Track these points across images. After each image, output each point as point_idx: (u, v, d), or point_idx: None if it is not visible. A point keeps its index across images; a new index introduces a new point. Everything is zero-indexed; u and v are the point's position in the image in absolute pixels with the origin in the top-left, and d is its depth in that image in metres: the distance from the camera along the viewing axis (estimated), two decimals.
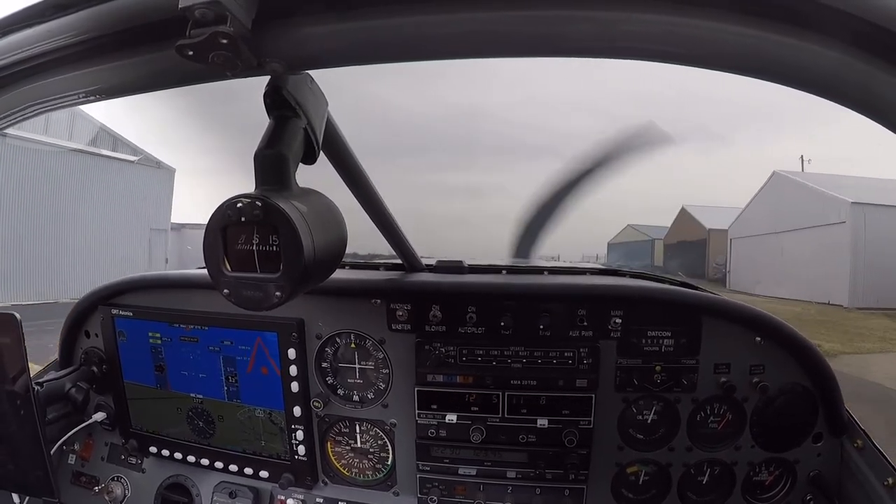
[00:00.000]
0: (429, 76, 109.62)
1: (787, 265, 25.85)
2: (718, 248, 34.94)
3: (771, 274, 26.84)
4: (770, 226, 28.15)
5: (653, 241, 45.30)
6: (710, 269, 35.84)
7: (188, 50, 0.72)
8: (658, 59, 0.76)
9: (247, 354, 2.03)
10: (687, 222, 40.45)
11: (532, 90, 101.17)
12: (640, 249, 45.86)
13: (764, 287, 26.30)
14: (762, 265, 28.32)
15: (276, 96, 0.92)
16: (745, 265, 30.86)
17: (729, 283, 31.71)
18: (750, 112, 61.86)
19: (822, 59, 0.68)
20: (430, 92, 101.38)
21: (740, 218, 32.61)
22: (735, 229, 32.92)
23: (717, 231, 35.23)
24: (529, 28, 0.73)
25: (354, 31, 0.77)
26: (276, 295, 0.88)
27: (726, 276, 32.85)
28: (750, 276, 29.18)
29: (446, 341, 1.94)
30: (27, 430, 1.76)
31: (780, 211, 27.33)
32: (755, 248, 29.68)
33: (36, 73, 0.91)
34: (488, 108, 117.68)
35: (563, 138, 69.68)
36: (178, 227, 24.25)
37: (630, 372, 1.90)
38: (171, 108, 1.40)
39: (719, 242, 34.79)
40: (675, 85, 66.07)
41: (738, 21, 0.68)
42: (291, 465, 2.09)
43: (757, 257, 29.24)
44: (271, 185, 0.91)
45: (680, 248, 40.92)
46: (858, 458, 1.84)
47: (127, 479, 2.32)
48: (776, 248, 27.41)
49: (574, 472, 1.92)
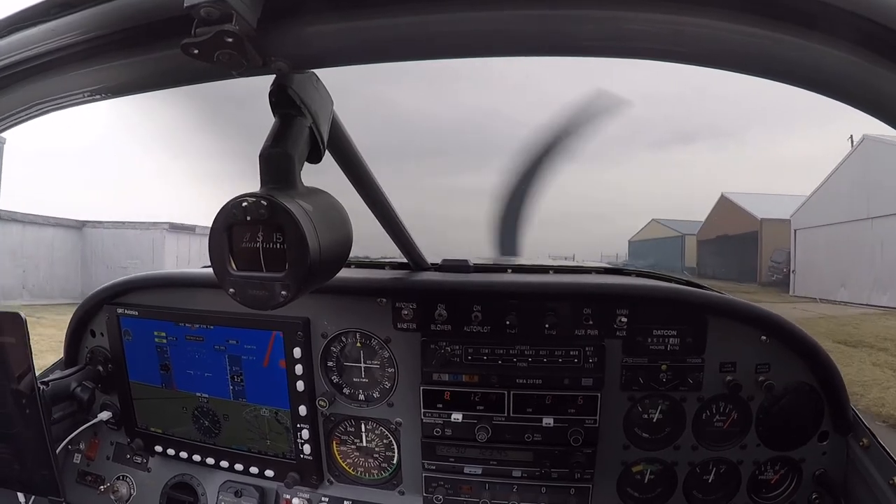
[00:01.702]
0: (441, 77, 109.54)
1: (891, 262, 19.90)
2: (774, 243, 29.07)
3: (863, 274, 20.98)
4: (858, 209, 21.57)
5: (682, 238, 40.41)
6: (763, 270, 30.06)
7: (193, 48, 0.72)
8: (665, 59, 0.76)
9: (253, 353, 2.03)
10: (729, 213, 34.23)
11: (544, 90, 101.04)
12: (667, 247, 41.58)
13: (853, 292, 21.14)
14: (847, 263, 21.90)
15: (282, 95, 0.91)
16: (819, 263, 24.04)
17: (794, 287, 25.73)
18: (762, 109, 61.06)
19: (828, 58, 0.68)
20: (442, 93, 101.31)
21: (809, 203, 25.86)
22: (801, 217, 26.13)
23: (773, 221, 29.33)
24: (536, 27, 0.73)
25: (360, 31, 0.77)
26: (282, 294, 0.87)
27: (789, 276, 26.67)
28: (827, 277, 22.95)
29: (452, 340, 1.94)
30: (33, 429, 1.76)
31: (874, 189, 20.91)
32: (834, 240, 23.09)
33: (40, 72, 0.90)
34: (501, 109, 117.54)
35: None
36: (80, 225, 20.91)
37: (636, 371, 1.89)
38: (174, 106, 1.39)
39: (776, 235, 28.83)
40: (689, 83, 65.61)
41: (744, 21, 0.68)
42: (297, 464, 2.09)
43: (838, 252, 22.51)
44: (277, 185, 0.90)
45: (720, 244, 35.25)
46: (864, 457, 1.83)
47: (132, 479, 2.32)
48: (869, 239, 21.08)
49: (579, 472, 1.92)
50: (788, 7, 0.65)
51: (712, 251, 36.27)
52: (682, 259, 38.68)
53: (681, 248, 39.98)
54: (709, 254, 36.91)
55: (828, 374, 1.85)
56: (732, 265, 32.39)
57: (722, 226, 34.78)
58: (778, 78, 0.74)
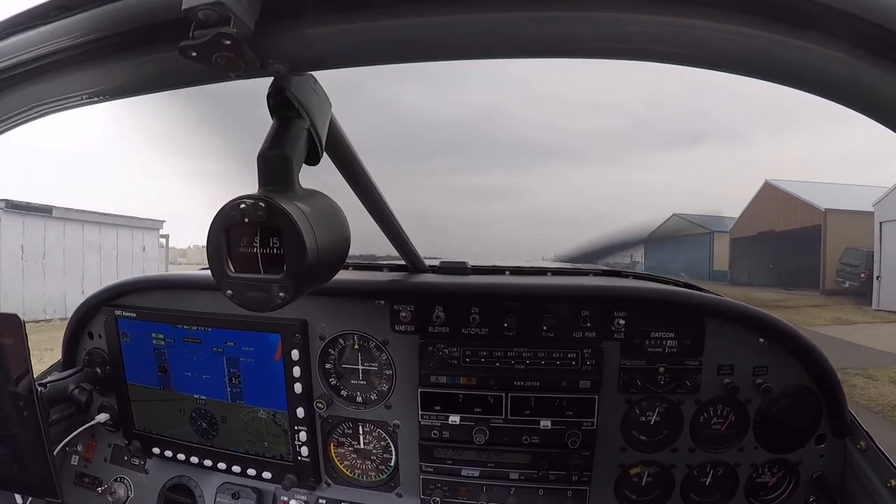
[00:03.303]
0: (442, 78, 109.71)
1: None
2: (844, 240, 23.26)
3: None
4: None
5: (711, 235, 33.48)
6: (829, 274, 23.91)
7: (191, 51, 0.72)
8: (664, 61, 0.76)
9: (251, 355, 2.03)
10: (778, 204, 27.68)
11: (547, 91, 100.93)
12: (691, 246, 34.17)
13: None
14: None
15: (280, 97, 0.91)
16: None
17: (879, 297, 19.71)
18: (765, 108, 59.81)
19: (826, 60, 0.68)
20: (444, 93, 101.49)
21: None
22: (888, 207, 20.01)
23: (842, 213, 23.38)
24: (536, 29, 0.73)
25: (358, 32, 0.76)
26: (280, 296, 0.87)
27: (869, 283, 20.78)
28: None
29: (450, 342, 1.94)
30: (30, 431, 1.76)
31: None
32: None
33: (39, 75, 0.90)
34: (504, 110, 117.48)
35: (577, 138, 69.30)
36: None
37: (633, 373, 1.89)
38: (172, 109, 1.39)
39: (845, 231, 23.11)
40: (692, 83, 64.83)
41: (743, 22, 0.67)
42: (294, 466, 2.09)
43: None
44: (274, 186, 0.90)
45: (763, 242, 29.00)
46: (861, 460, 1.84)
47: (130, 480, 2.32)
48: None
49: (577, 474, 1.92)
50: (787, 8, 0.65)
51: (751, 251, 30.42)
52: (709, 261, 32.71)
53: (709, 248, 33.47)
54: (746, 254, 30.83)
55: (825, 378, 1.85)
56: (780, 268, 27.76)
57: (767, 220, 28.41)
58: (777, 80, 0.74)
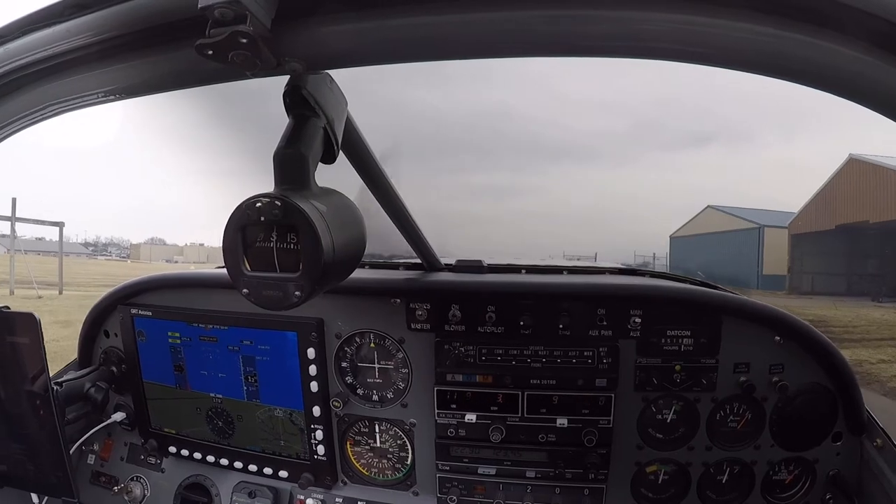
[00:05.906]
0: (457, 77, 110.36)
1: None
2: None
3: None
4: None
5: (761, 231, 27.67)
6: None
7: (208, 49, 0.72)
8: (677, 59, 0.76)
9: (267, 354, 2.03)
10: (872, 185, 21.39)
11: (560, 90, 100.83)
12: (733, 244, 28.34)
13: None
14: None
15: (296, 96, 0.91)
16: None
17: None
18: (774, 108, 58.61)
19: (842, 59, 0.68)
20: (458, 92, 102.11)
21: None
22: None
23: None
24: (548, 28, 0.73)
25: (374, 31, 0.76)
26: (296, 294, 0.87)
27: None
28: None
29: (466, 341, 1.93)
30: (46, 430, 1.77)
31: None
32: None
33: (55, 73, 0.90)
34: (517, 109, 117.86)
35: (586, 137, 69.22)
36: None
37: (649, 371, 1.89)
38: (188, 107, 1.39)
39: None
40: (699, 83, 64.38)
41: (757, 20, 0.67)
42: (311, 464, 2.09)
43: None
44: (290, 185, 0.90)
45: (845, 238, 23.50)
46: (878, 458, 1.84)
47: (146, 479, 2.33)
48: None
49: (594, 472, 1.91)
50: (802, 7, 0.65)
51: (827, 250, 24.50)
52: (759, 264, 26.55)
53: (757, 247, 27.49)
54: (817, 254, 24.72)
55: (842, 376, 1.84)
56: (886, 274, 22.15)
57: (853, 207, 21.94)
58: (792, 79, 0.74)
